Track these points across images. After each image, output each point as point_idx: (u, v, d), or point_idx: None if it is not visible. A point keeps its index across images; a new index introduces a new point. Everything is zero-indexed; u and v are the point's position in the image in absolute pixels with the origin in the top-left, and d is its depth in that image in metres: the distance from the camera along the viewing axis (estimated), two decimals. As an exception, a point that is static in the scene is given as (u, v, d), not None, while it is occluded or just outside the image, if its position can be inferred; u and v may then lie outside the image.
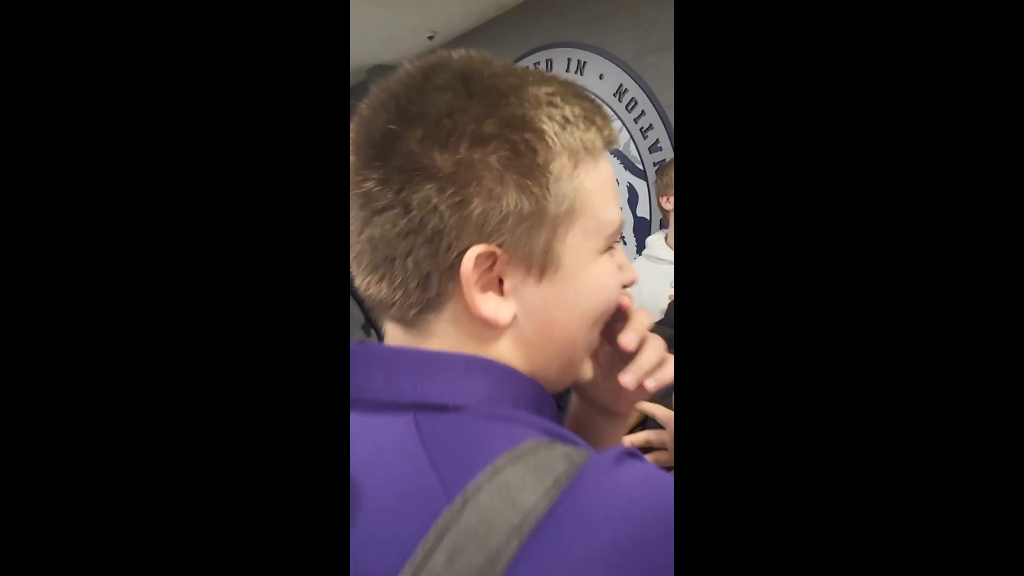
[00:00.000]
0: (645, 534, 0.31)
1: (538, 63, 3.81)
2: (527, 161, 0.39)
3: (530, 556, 0.30)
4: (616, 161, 3.50)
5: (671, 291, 1.40)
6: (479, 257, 0.38)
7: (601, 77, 3.49)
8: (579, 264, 0.41)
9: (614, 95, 3.45)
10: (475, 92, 0.40)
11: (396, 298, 0.40)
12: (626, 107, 3.38)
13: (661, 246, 1.92)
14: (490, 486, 0.31)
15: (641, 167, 3.39)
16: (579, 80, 3.10)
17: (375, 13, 3.67)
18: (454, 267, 0.38)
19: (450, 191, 0.38)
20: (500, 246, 0.39)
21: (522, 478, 0.32)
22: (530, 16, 3.83)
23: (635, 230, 3.39)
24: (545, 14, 3.75)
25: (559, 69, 3.71)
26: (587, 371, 0.47)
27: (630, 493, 0.33)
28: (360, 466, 0.34)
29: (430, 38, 4.16)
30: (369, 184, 0.39)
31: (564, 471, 0.33)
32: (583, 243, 0.41)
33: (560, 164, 0.40)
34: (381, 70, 4.66)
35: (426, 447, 0.34)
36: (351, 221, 0.41)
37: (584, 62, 3.60)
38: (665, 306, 1.38)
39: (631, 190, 3.44)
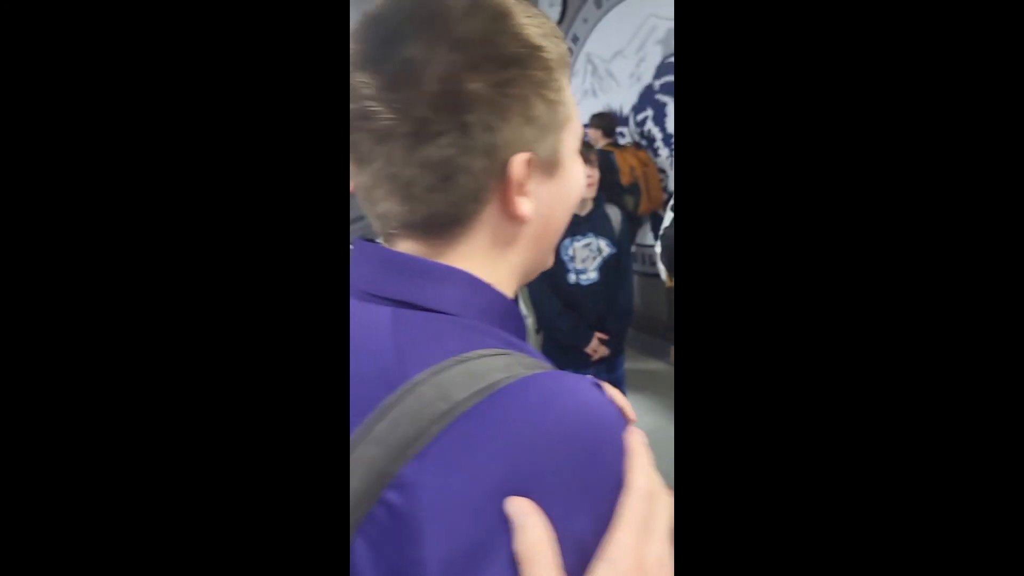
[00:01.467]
0: (548, 440, 0.36)
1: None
2: (545, 76, 0.43)
3: (449, 435, 0.36)
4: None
5: None
6: (525, 163, 0.42)
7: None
8: (570, 162, 0.47)
9: None
10: (490, 17, 0.42)
11: (436, 211, 0.43)
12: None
13: None
14: (430, 381, 0.37)
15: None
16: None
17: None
18: (501, 176, 0.42)
19: (498, 111, 0.41)
20: (533, 152, 0.43)
21: (459, 379, 0.37)
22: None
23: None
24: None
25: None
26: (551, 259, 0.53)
27: (548, 402, 0.37)
28: (371, 332, 0.42)
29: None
30: (420, 112, 0.40)
31: (501, 379, 0.37)
32: (572, 144, 0.47)
33: (560, 75, 0.45)
34: None
35: (394, 335, 0.41)
36: (388, 151, 0.42)
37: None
38: None
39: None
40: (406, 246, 0.46)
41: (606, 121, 3.80)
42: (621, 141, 3.96)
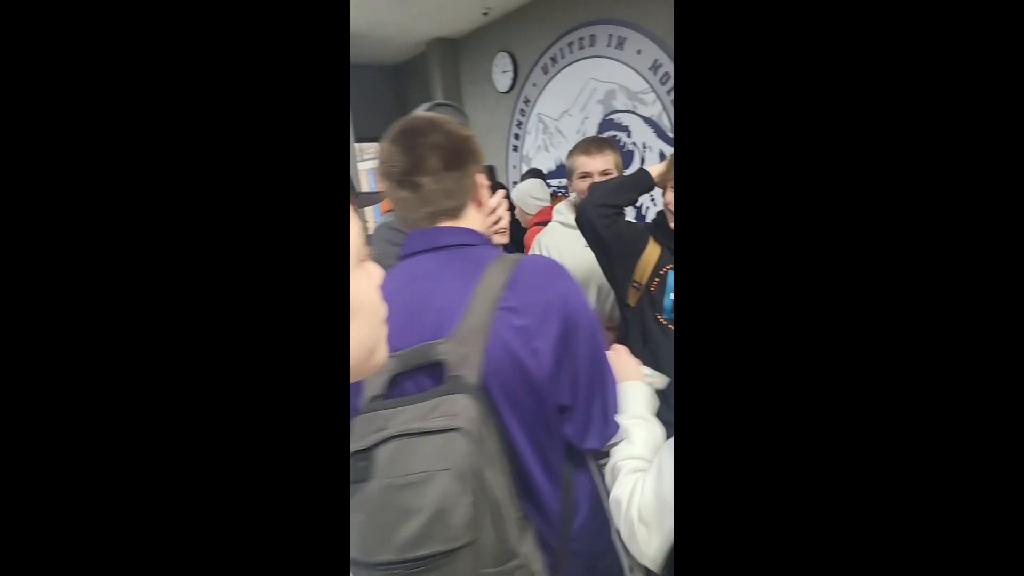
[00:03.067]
0: (551, 269, 0.92)
1: (582, 38, 4.16)
2: (471, 144, 0.96)
3: (510, 287, 0.86)
4: (650, 130, 3.87)
5: (586, 252, 1.76)
6: (483, 178, 0.98)
7: (639, 52, 3.84)
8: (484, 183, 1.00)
9: (649, 69, 3.80)
10: (442, 130, 0.94)
11: (445, 208, 0.93)
12: (660, 80, 3.73)
13: (568, 213, 2.10)
14: (495, 265, 0.88)
15: (671, 136, 3.75)
16: (619, 54, 3.38)
17: (436, -6, 4.06)
18: (475, 188, 0.97)
19: (460, 167, 0.93)
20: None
21: (500, 267, 0.87)
22: (576, -6, 4.16)
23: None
24: (589, -7, 4.07)
25: (601, 44, 4.06)
26: None
27: (542, 260, 0.94)
28: (434, 265, 0.91)
29: (484, 14, 4.54)
30: (429, 178, 0.92)
31: (516, 259, 0.89)
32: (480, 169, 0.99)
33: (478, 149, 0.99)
34: (439, 43, 5.07)
35: (465, 258, 0.90)
36: (419, 186, 0.92)
37: (624, 38, 3.95)
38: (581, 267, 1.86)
39: (662, 156, 3.80)
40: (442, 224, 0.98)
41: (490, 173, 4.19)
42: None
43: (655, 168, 1.69)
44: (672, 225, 1.64)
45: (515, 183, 4.29)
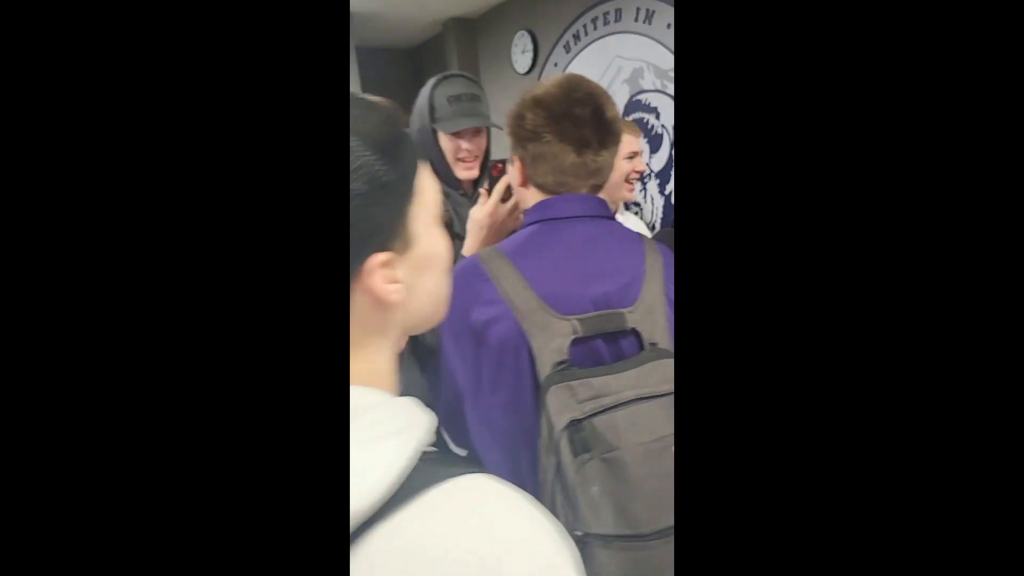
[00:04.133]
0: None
1: (607, 12, 3.91)
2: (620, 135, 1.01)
3: (666, 266, 0.93)
4: (681, 109, 3.62)
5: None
6: None
7: (669, 26, 3.58)
8: None
9: (681, 43, 3.54)
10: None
11: (603, 180, 0.96)
12: (692, 55, 3.47)
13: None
14: (647, 243, 0.94)
15: (705, 114, 3.50)
16: (647, 29, 3.17)
17: (452, -32, 3.82)
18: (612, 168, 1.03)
19: (617, 145, 0.99)
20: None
21: (651, 244, 0.94)
22: (600, -34, 3.90)
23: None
24: (615, -37, 3.80)
25: (628, 19, 3.80)
26: None
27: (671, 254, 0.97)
28: (596, 232, 0.92)
29: (503, -10, 4.30)
30: (608, 151, 0.96)
31: (655, 241, 0.96)
32: None
33: None
34: (456, 22, 4.84)
35: (618, 230, 0.94)
36: (597, 156, 0.90)
37: (653, 11, 3.69)
38: None
39: (695, 137, 3.55)
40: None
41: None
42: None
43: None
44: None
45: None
